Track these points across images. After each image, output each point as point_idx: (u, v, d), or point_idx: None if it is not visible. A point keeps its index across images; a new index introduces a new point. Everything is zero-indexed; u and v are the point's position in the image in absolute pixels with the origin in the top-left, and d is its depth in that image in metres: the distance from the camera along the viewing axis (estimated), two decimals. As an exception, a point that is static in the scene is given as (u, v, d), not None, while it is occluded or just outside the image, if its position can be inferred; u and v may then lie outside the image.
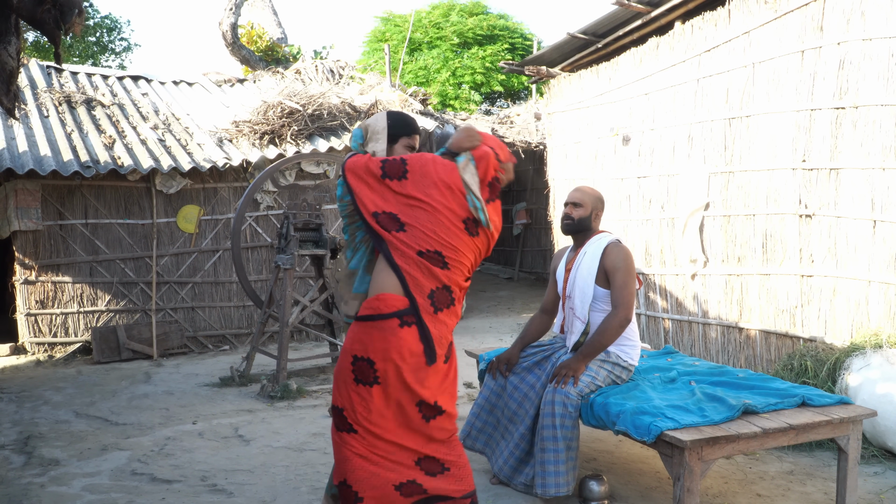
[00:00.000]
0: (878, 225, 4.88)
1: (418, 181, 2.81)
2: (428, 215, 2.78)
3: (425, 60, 18.13)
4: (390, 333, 2.72)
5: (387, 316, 2.73)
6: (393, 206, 2.81)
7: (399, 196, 2.81)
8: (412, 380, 2.74)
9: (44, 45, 16.87)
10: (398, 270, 2.76)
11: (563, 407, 3.46)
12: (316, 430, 5.02)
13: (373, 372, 2.73)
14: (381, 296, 2.76)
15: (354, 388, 2.77)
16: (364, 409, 2.75)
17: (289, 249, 6.38)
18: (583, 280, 3.68)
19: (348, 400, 2.78)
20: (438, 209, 2.78)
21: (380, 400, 2.75)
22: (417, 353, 2.74)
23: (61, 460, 4.48)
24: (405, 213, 2.79)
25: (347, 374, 2.78)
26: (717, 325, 6.13)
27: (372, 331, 2.74)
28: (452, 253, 2.80)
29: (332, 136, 8.89)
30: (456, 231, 2.81)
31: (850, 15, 5.07)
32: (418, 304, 2.74)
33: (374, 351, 2.73)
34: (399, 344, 2.71)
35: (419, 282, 2.75)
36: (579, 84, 7.78)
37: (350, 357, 2.78)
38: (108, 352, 7.55)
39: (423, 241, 2.77)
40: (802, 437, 3.25)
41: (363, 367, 2.74)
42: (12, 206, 7.45)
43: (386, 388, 2.74)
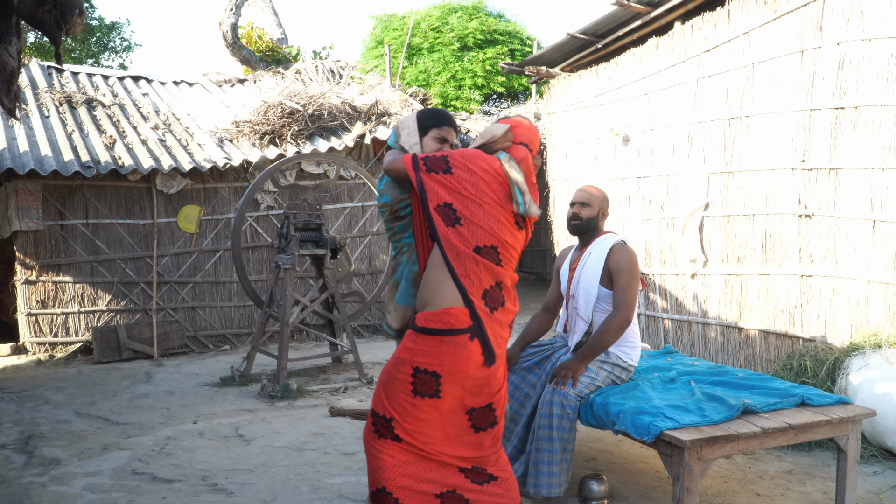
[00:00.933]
0: (878, 225, 4.89)
1: (464, 175, 2.76)
2: (481, 209, 2.73)
3: (425, 64, 18.15)
4: (462, 348, 2.65)
5: (460, 332, 2.66)
6: (446, 197, 2.74)
7: (449, 189, 2.74)
8: (473, 389, 2.70)
9: (45, 46, 16.88)
10: (454, 275, 2.68)
11: (561, 408, 3.46)
12: (316, 430, 5.03)
13: (437, 386, 2.66)
14: (450, 310, 2.67)
15: (411, 400, 2.68)
16: (415, 420, 2.69)
17: (289, 249, 6.38)
18: (587, 280, 3.67)
19: (400, 410, 2.70)
20: (490, 203, 2.74)
21: (434, 412, 2.69)
22: (482, 364, 2.69)
23: (62, 460, 4.49)
24: (460, 207, 2.73)
25: (405, 385, 2.69)
26: (717, 325, 6.14)
27: (442, 345, 2.66)
28: (504, 249, 2.76)
29: (333, 136, 8.90)
30: (508, 225, 2.77)
31: (850, 15, 5.07)
32: (475, 305, 2.68)
33: (442, 365, 2.65)
34: (469, 358, 2.66)
35: (474, 282, 2.69)
36: (579, 84, 7.78)
37: (411, 368, 2.68)
38: (108, 351, 7.56)
39: (480, 236, 2.71)
40: (802, 437, 3.25)
41: (426, 379, 2.66)
42: (13, 206, 7.46)
43: (444, 402, 2.69)
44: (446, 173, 2.76)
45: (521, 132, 2.95)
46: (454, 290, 2.69)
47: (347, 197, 9.02)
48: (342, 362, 7.22)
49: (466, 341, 2.65)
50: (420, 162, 2.80)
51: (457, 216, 2.72)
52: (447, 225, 2.72)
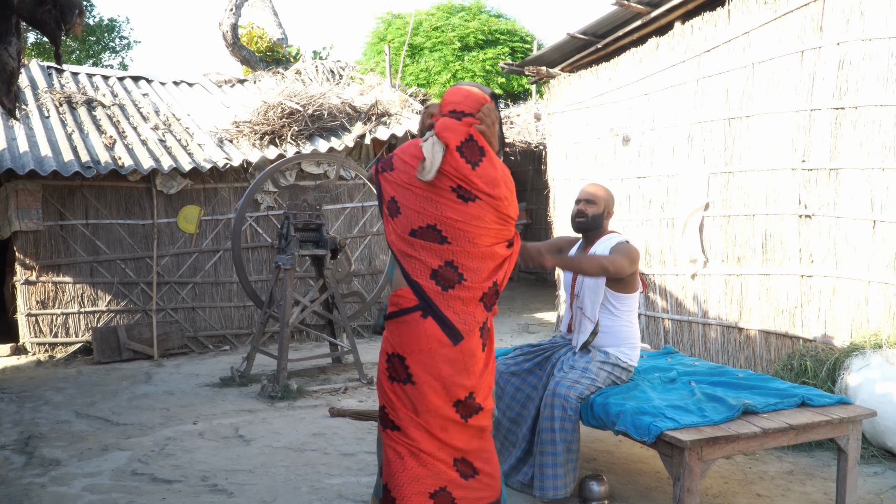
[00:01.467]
0: (878, 225, 4.88)
1: (399, 166, 2.83)
2: (414, 195, 2.76)
3: (426, 62, 18.16)
4: (414, 325, 2.72)
5: (409, 310, 2.73)
6: (391, 192, 2.84)
7: (392, 184, 2.84)
8: (448, 372, 2.71)
9: (45, 46, 16.88)
10: (397, 258, 2.78)
11: (563, 410, 3.45)
12: (316, 431, 5.03)
13: (405, 368, 2.73)
14: (399, 291, 2.77)
15: (390, 387, 2.77)
16: (403, 406, 2.75)
17: (289, 250, 6.38)
18: (593, 280, 3.63)
19: (387, 398, 2.79)
20: (420, 185, 2.75)
21: (417, 397, 2.73)
22: (446, 342, 2.71)
23: (62, 460, 4.48)
24: (399, 197, 2.80)
25: (382, 372, 2.81)
26: (717, 326, 6.14)
27: (399, 326, 2.76)
28: (448, 226, 2.72)
29: (333, 136, 8.90)
30: (447, 202, 2.73)
31: (850, 15, 5.07)
32: (422, 287, 2.72)
33: (401, 346, 2.74)
34: (425, 335, 2.70)
35: (417, 264, 2.73)
36: (579, 84, 7.78)
37: (384, 355, 2.80)
38: (108, 352, 7.55)
39: (414, 219, 2.75)
40: (802, 438, 3.25)
41: (396, 364, 2.76)
42: (13, 206, 7.46)
43: (421, 386, 2.71)
44: (392, 170, 2.85)
45: (447, 100, 2.89)
46: (401, 272, 2.79)
47: (347, 197, 9.02)
48: (342, 363, 7.22)
49: (418, 319, 2.72)
50: (379, 166, 2.91)
51: (396, 206, 2.80)
52: (391, 217, 2.81)
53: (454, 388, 2.74)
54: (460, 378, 2.74)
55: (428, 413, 2.73)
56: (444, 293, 2.73)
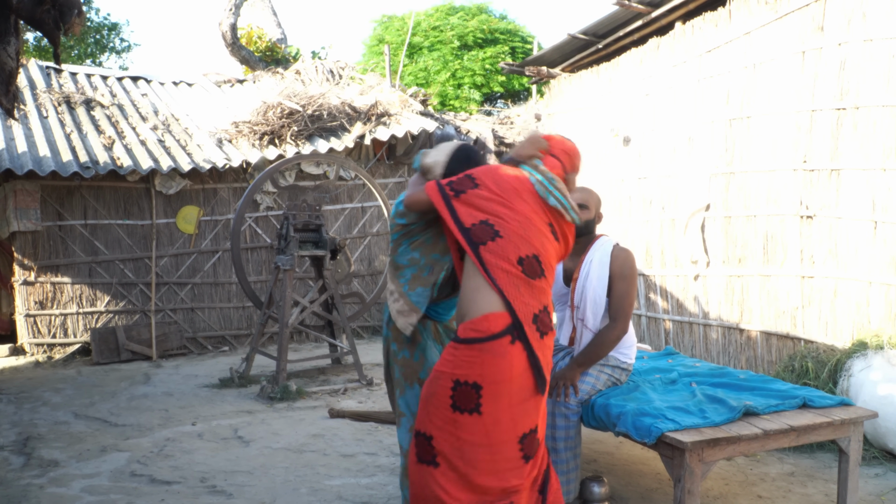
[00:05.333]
0: (879, 226, 4.87)
1: (494, 189, 2.70)
2: (517, 221, 2.64)
3: (425, 62, 18.15)
4: (500, 355, 2.50)
5: (497, 336, 2.51)
6: (481, 215, 2.66)
7: (480, 205, 2.67)
8: (518, 402, 2.52)
9: (44, 46, 16.86)
10: (496, 284, 2.56)
11: (565, 419, 3.42)
12: (315, 432, 5.01)
13: (477, 398, 2.50)
14: (488, 316, 2.54)
15: (451, 416, 2.52)
16: (455, 439, 2.52)
17: (288, 250, 6.37)
18: (593, 291, 3.54)
19: (439, 428, 2.55)
20: (524, 212, 2.67)
21: (477, 430, 2.51)
22: (526, 375, 2.53)
23: (60, 461, 4.47)
24: (495, 220, 2.64)
25: (444, 399, 2.53)
26: (718, 327, 6.13)
27: (481, 354, 2.51)
28: (546, 259, 2.66)
29: (332, 136, 8.89)
30: (546, 234, 2.69)
31: (851, 16, 5.06)
32: (524, 327, 2.53)
33: (482, 375, 2.49)
34: (511, 363, 2.50)
35: (520, 300, 2.55)
36: (580, 84, 7.77)
37: (450, 381, 2.52)
38: (107, 353, 7.54)
39: (521, 246, 2.61)
40: (803, 439, 3.24)
41: (466, 392, 2.50)
42: (11, 206, 7.44)
43: (486, 418, 2.50)
44: (475, 188, 2.71)
45: (555, 144, 2.90)
46: (491, 296, 2.56)
47: (347, 198, 9.01)
48: (342, 364, 7.21)
49: (507, 345, 2.51)
50: (446, 188, 2.74)
51: (495, 230, 2.62)
52: (486, 241, 2.60)
53: (522, 417, 2.55)
54: (527, 412, 2.56)
55: (484, 446, 2.51)
56: (541, 341, 2.58)
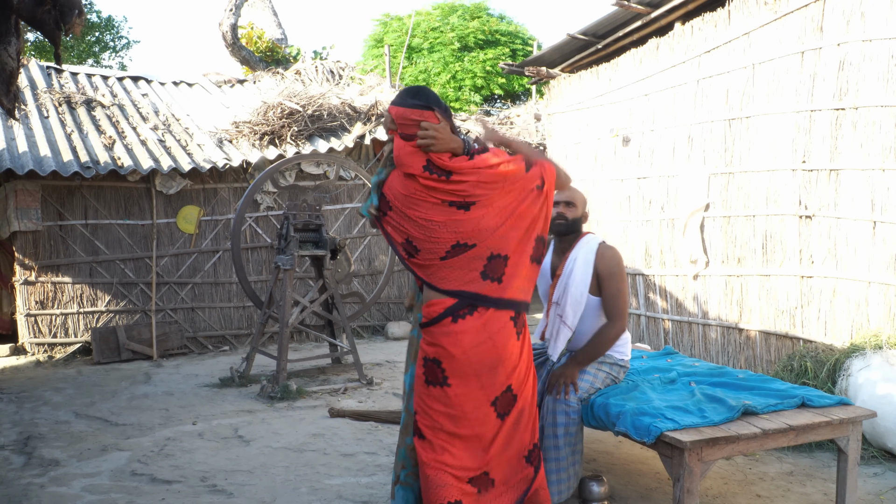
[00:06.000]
0: (878, 226, 4.88)
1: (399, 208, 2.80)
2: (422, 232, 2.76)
3: (425, 63, 18.15)
4: (445, 334, 2.74)
5: (438, 318, 2.77)
6: (401, 235, 2.83)
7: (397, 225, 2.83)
8: (485, 371, 2.74)
9: (44, 46, 16.86)
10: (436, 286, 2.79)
11: (566, 416, 3.43)
12: (316, 431, 5.02)
13: (442, 372, 2.76)
14: (431, 301, 2.80)
15: (426, 391, 2.80)
16: (432, 411, 2.77)
17: (289, 250, 6.38)
18: (576, 289, 3.53)
19: (420, 403, 2.82)
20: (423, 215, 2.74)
21: (447, 402, 2.76)
22: (485, 345, 2.74)
23: (61, 461, 4.48)
24: (412, 237, 2.79)
25: (420, 376, 2.83)
26: (717, 326, 6.13)
27: (434, 335, 2.78)
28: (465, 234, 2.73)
29: (332, 136, 8.89)
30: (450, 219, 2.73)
31: (850, 16, 5.07)
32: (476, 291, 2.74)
33: (437, 353, 2.76)
34: (458, 339, 2.73)
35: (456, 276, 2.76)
36: (579, 85, 7.78)
37: (422, 359, 2.83)
38: (107, 352, 7.55)
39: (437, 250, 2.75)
40: (802, 438, 3.24)
41: (432, 367, 2.78)
42: (12, 206, 7.45)
43: (454, 389, 2.75)
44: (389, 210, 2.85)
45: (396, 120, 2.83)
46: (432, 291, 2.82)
47: (347, 198, 9.02)
48: (342, 363, 7.22)
49: (449, 325, 2.74)
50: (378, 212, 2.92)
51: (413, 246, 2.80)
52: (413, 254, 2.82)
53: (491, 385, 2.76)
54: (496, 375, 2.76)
55: (465, 418, 2.75)
56: (501, 285, 2.77)
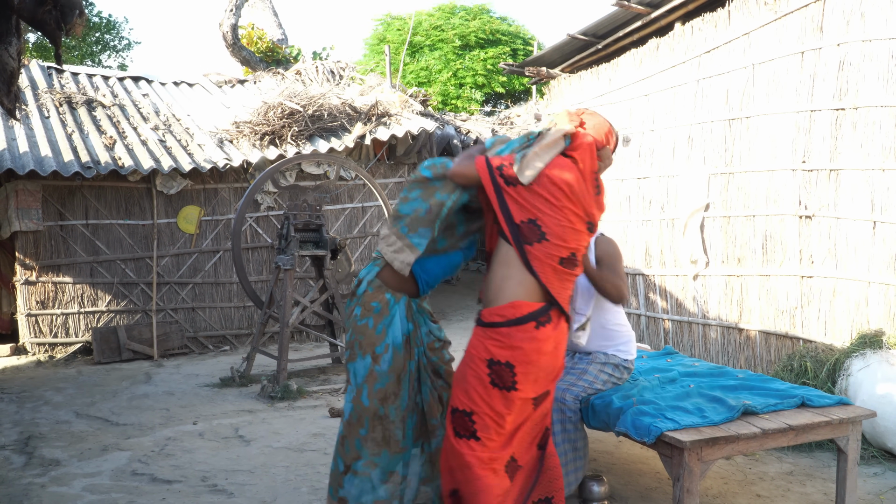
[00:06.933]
0: (878, 226, 4.88)
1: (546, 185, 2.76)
2: (559, 224, 2.75)
3: (426, 61, 18.16)
4: (527, 339, 2.71)
5: (519, 321, 2.72)
6: (530, 213, 2.75)
7: (532, 200, 2.76)
8: (543, 378, 2.79)
9: (45, 46, 16.87)
10: (541, 280, 2.74)
11: (561, 413, 3.43)
12: (316, 431, 5.03)
13: (512, 376, 2.72)
14: (514, 303, 2.74)
15: (487, 392, 2.73)
16: (495, 414, 2.74)
17: (289, 250, 6.38)
18: (581, 277, 3.59)
19: (478, 404, 2.75)
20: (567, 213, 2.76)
21: (514, 404, 2.75)
22: (553, 354, 2.78)
23: (62, 460, 4.48)
24: (542, 221, 2.74)
25: (482, 377, 2.74)
26: (717, 326, 6.14)
27: (508, 337, 2.72)
28: (580, 252, 2.81)
29: (333, 136, 8.90)
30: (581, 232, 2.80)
31: (850, 16, 5.07)
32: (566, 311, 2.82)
33: (513, 356, 2.71)
34: (538, 346, 2.73)
35: (564, 294, 2.79)
36: (579, 85, 7.79)
37: (485, 361, 2.74)
38: (108, 352, 7.55)
39: (561, 249, 2.75)
40: (802, 438, 3.25)
41: (501, 370, 2.72)
42: (13, 206, 7.46)
43: (520, 394, 2.74)
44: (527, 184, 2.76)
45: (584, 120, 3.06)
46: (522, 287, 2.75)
47: (347, 198, 9.02)
48: (342, 363, 7.22)
49: (531, 330, 2.72)
50: (497, 174, 2.77)
51: (541, 232, 2.74)
52: (532, 241, 2.73)
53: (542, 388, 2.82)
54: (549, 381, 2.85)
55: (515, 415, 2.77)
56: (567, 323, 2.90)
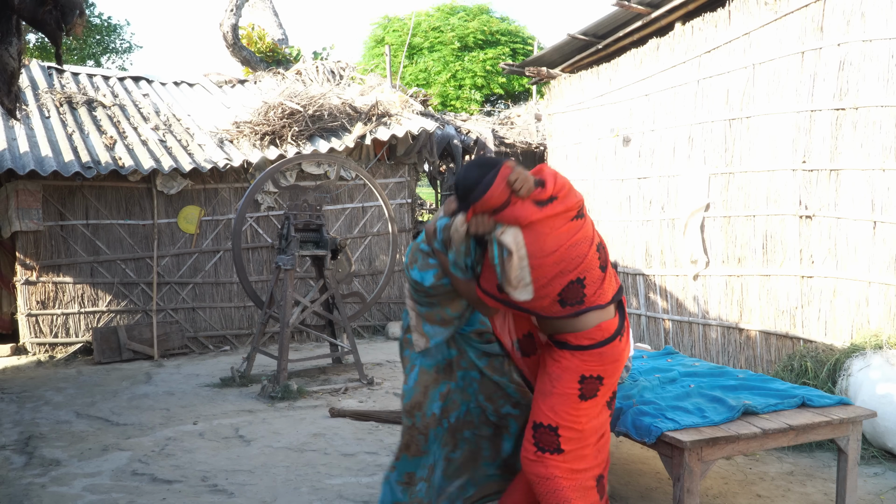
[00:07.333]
0: (879, 226, 4.88)
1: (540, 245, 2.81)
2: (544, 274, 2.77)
3: (426, 63, 18.16)
4: (619, 352, 2.88)
5: (612, 338, 2.85)
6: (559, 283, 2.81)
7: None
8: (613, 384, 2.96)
9: (46, 46, 16.87)
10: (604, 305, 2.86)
11: None
12: (316, 431, 5.03)
13: (599, 385, 2.85)
14: (601, 325, 2.83)
15: (576, 406, 2.83)
16: (580, 426, 2.84)
17: (289, 250, 6.38)
18: None
19: (566, 419, 2.83)
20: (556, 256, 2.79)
21: (593, 413, 2.87)
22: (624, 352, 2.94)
23: (62, 460, 4.49)
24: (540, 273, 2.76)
25: (572, 393, 2.83)
26: (718, 326, 6.14)
27: (601, 355, 2.83)
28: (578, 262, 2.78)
29: (333, 136, 8.90)
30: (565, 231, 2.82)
31: (850, 16, 5.07)
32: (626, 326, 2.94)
33: (604, 369, 2.84)
34: (623, 356, 2.91)
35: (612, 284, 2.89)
36: (579, 85, 7.78)
37: (576, 377, 2.83)
38: (108, 352, 7.55)
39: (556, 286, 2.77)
40: (802, 438, 3.25)
41: (592, 385, 2.84)
42: (13, 206, 7.46)
43: (599, 400, 2.88)
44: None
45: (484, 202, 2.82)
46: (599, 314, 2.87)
47: (348, 198, 9.02)
48: (342, 363, 7.22)
49: (618, 343, 2.89)
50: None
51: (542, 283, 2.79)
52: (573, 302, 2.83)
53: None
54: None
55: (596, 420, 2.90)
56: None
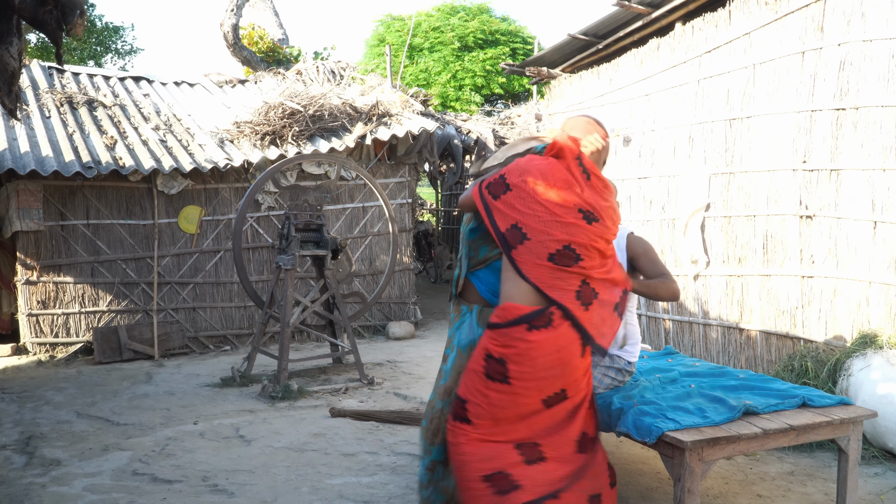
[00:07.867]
0: (879, 226, 4.88)
1: (522, 188, 2.86)
2: (540, 220, 2.82)
3: (426, 63, 18.16)
4: (518, 339, 2.79)
5: (511, 323, 2.80)
6: (512, 218, 2.86)
7: (513, 206, 2.86)
8: (544, 375, 2.82)
9: (47, 47, 16.88)
10: (529, 280, 2.80)
11: None
12: (317, 431, 5.03)
13: (505, 371, 2.81)
14: (506, 305, 2.84)
15: (484, 384, 2.85)
16: (488, 404, 2.85)
17: (290, 250, 6.39)
18: None
19: (473, 393, 2.87)
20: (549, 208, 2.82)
21: (504, 398, 2.83)
22: (560, 352, 2.80)
23: (63, 460, 4.49)
24: (523, 223, 2.83)
25: (478, 371, 2.87)
26: (718, 326, 6.14)
27: (502, 336, 2.82)
28: (582, 242, 2.82)
29: (334, 136, 8.90)
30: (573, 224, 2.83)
31: (851, 16, 5.07)
32: (568, 308, 2.79)
33: (505, 354, 2.81)
34: (528, 347, 2.78)
35: (557, 290, 2.79)
36: (580, 85, 7.79)
37: (482, 355, 2.87)
38: (109, 352, 7.56)
39: (548, 244, 2.80)
40: (803, 438, 3.25)
41: (495, 366, 2.83)
42: (14, 206, 7.46)
43: (514, 388, 2.82)
44: (507, 192, 2.88)
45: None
46: (515, 289, 2.83)
47: (348, 198, 9.02)
48: (343, 363, 7.22)
49: (523, 332, 2.79)
50: (485, 192, 2.93)
51: (522, 233, 2.83)
52: (515, 244, 2.83)
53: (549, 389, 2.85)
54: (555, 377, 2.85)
55: (511, 407, 2.85)
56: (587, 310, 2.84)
